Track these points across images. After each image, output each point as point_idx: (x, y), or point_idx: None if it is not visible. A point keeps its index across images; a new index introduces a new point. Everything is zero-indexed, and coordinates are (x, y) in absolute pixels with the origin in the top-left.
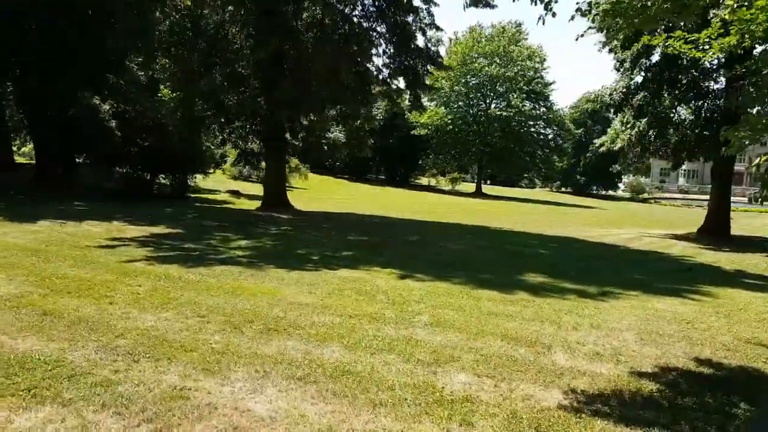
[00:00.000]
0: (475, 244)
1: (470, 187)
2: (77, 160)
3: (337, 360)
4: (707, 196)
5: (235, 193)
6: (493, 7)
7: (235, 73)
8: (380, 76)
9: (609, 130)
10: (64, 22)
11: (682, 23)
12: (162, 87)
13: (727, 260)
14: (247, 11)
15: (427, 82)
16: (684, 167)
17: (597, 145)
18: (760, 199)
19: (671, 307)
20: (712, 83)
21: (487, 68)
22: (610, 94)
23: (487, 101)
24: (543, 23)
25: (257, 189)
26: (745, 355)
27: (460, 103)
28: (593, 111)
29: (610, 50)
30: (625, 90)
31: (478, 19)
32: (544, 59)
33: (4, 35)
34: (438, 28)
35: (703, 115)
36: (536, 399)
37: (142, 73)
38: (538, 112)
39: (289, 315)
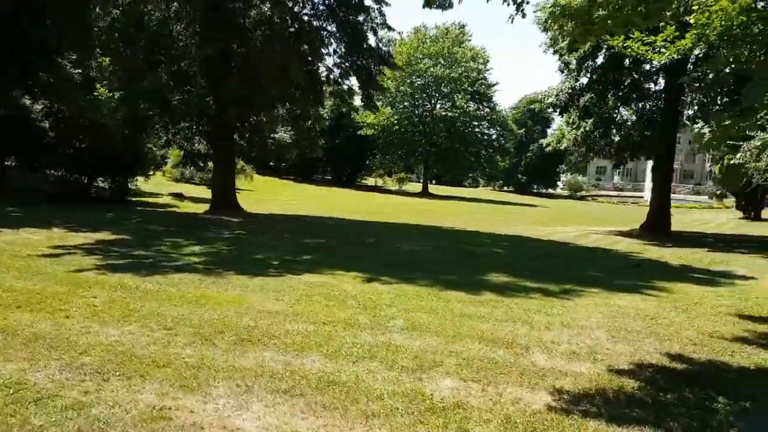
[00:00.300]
0: (432, 244)
1: (416, 187)
2: (5, 162)
3: (319, 370)
4: (641, 193)
5: (179, 196)
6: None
7: (181, 71)
8: (331, 76)
9: (554, 130)
10: None
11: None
12: (98, 86)
13: (671, 255)
14: (192, 7)
15: (380, 82)
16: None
17: (544, 144)
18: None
19: (632, 303)
20: (653, 85)
21: (432, 69)
22: (557, 95)
23: (432, 102)
24: (512, 22)
25: (201, 191)
26: (711, 349)
27: (405, 104)
28: (538, 111)
29: (555, 51)
30: (570, 91)
31: (424, 19)
32: (488, 60)
33: None
34: (390, 28)
35: (645, 116)
36: (525, 402)
37: (78, 71)
38: (482, 112)
39: (260, 324)
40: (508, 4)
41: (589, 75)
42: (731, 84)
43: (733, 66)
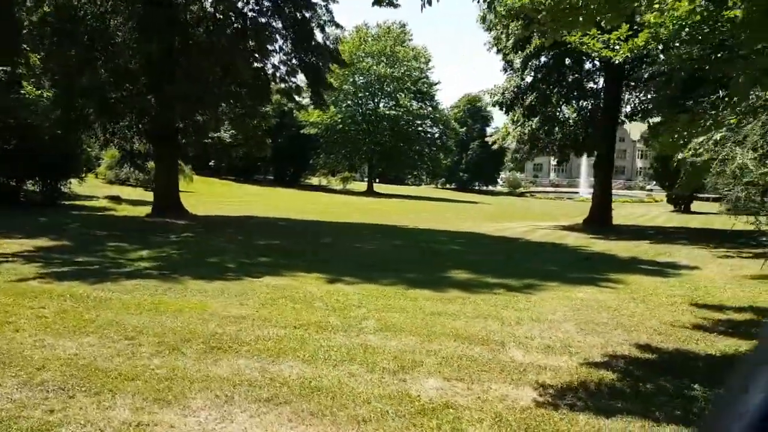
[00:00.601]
0: (388, 243)
1: (361, 186)
2: None
3: (299, 376)
4: (576, 189)
5: (116, 199)
6: (396, 6)
7: (121, 68)
8: (278, 74)
9: (495, 127)
10: None
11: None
12: (26, 84)
13: (618, 248)
14: (130, 1)
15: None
16: (553, 162)
17: (490, 142)
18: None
19: (592, 295)
20: (593, 84)
21: (374, 68)
22: (503, 93)
23: (376, 100)
24: (483, 21)
25: (139, 193)
26: (676, 338)
27: (348, 102)
28: (478, 109)
29: (499, 50)
30: (516, 90)
31: (366, 18)
32: (429, 60)
33: None
34: (338, 26)
35: (586, 114)
36: (512, 398)
37: (3, 68)
38: (425, 111)
39: (227, 330)
40: (478, 2)
41: (533, 74)
42: (681, 83)
43: (683, 64)
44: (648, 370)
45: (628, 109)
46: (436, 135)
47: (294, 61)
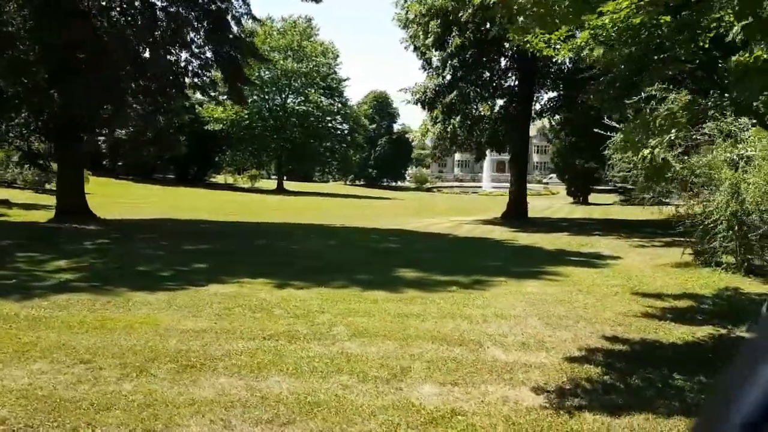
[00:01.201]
0: (324, 243)
1: (270, 184)
2: None
3: (291, 392)
4: (479, 184)
5: (4, 203)
6: (318, 1)
7: (17, 60)
8: (189, 67)
9: (401, 123)
10: None
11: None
12: None
13: (543, 241)
14: None
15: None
16: (457, 158)
17: (411, 139)
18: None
19: (540, 289)
20: (509, 81)
21: (281, 62)
22: (424, 92)
23: (283, 96)
24: (399, 20)
25: (31, 197)
26: (636, 328)
27: (254, 97)
28: (385, 106)
29: (416, 48)
30: (437, 88)
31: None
32: (337, 55)
33: None
34: (255, 19)
35: (503, 112)
36: (514, 400)
37: None
38: (334, 107)
39: (192, 346)
40: None
41: (452, 72)
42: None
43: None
44: (626, 362)
45: (538, 107)
46: (346, 131)
47: (208, 54)
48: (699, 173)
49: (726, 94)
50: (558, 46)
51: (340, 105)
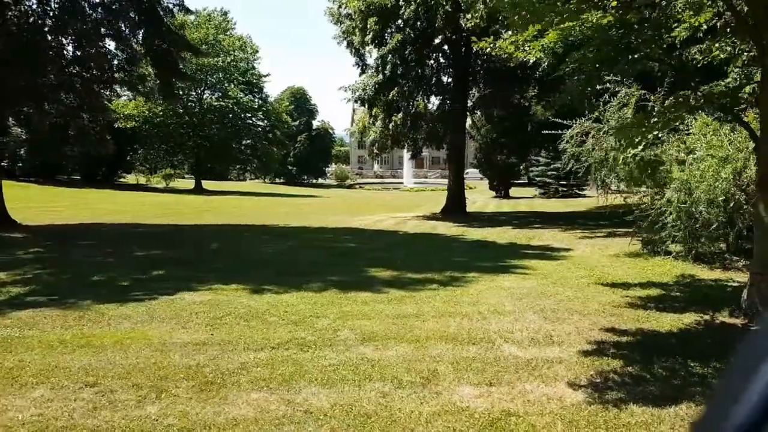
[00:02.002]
0: (282, 245)
1: (186, 183)
2: None
3: (333, 404)
4: (400, 180)
5: None
6: None
7: None
8: (115, 61)
9: (322, 119)
10: None
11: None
12: None
13: (492, 235)
14: None
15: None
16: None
17: (348, 133)
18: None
19: (517, 283)
20: (447, 78)
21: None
22: (364, 89)
23: (200, 91)
24: (332, 15)
25: None
26: (627, 318)
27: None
28: (303, 102)
29: (350, 44)
30: (377, 86)
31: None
32: (257, 50)
33: None
34: (188, 11)
35: (442, 109)
36: (556, 397)
37: None
38: (255, 104)
39: (199, 360)
40: None
41: (392, 70)
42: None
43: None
44: (638, 352)
45: (469, 104)
46: (268, 128)
47: (136, 47)
48: (645, 167)
49: (699, 91)
50: (527, 47)
51: (260, 101)
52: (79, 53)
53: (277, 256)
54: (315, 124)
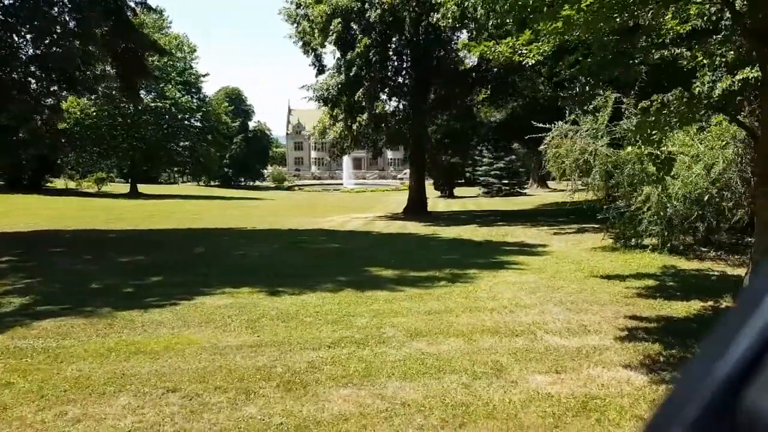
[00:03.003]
0: (266, 248)
1: (119, 187)
2: None
3: (423, 395)
4: (339, 181)
5: None
6: None
7: None
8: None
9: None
10: None
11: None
12: None
13: (465, 233)
14: None
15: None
16: (313, 156)
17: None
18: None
19: (518, 278)
20: (408, 81)
21: None
22: (327, 90)
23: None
24: (288, 15)
25: None
26: (643, 307)
27: (99, 93)
28: (244, 102)
29: (306, 44)
30: (340, 86)
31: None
32: (194, 50)
33: None
34: (150, 8)
35: (404, 111)
36: (624, 381)
37: None
38: (193, 104)
39: (264, 362)
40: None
41: (356, 71)
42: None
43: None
44: (672, 336)
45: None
46: (207, 129)
47: (91, 47)
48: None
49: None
50: (524, 51)
51: (198, 101)
52: (39, 51)
53: (267, 258)
54: (251, 125)
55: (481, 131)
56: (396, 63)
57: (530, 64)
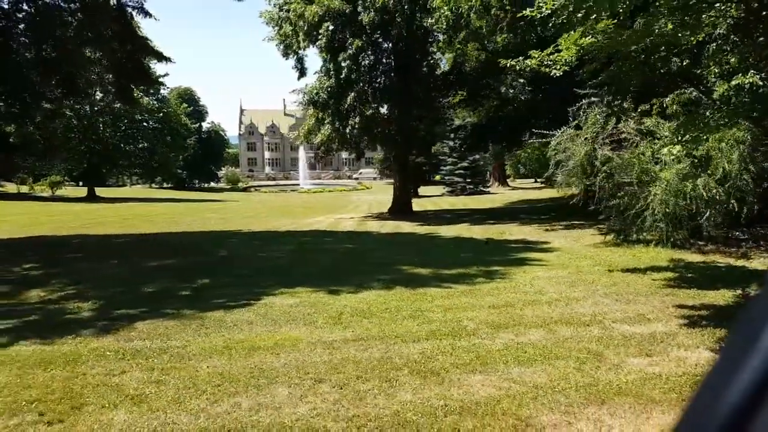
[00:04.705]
0: (284, 250)
1: (75, 191)
2: None
3: (548, 378)
4: (294, 181)
5: None
6: None
7: None
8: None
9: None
10: None
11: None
12: None
13: (463, 232)
14: None
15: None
16: (267, 156)
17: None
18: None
19: (548, 273)
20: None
21: None
22: (317, 93)
23: (90, 92)
24: (270, 18)
25: None
26: (683, 296)
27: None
28: (197, 103)
29: (288, 47)
30: (330, 89)
31: None
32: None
33: None
34: (147, 14)
35: (390, 113)
36: (706, 360)
37: None
38: (152, 105)
39: (379, 354)
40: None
41: (347, 74)
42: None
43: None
44: (727, 321)
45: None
46: (166, 130)
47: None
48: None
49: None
50: (550, 63)
51: (157, 102)
52: (54, 55)
53: (294, 260)
54: (204, 126)
55: (446, 132)
56: (384, 65)
57: (556, 75)
